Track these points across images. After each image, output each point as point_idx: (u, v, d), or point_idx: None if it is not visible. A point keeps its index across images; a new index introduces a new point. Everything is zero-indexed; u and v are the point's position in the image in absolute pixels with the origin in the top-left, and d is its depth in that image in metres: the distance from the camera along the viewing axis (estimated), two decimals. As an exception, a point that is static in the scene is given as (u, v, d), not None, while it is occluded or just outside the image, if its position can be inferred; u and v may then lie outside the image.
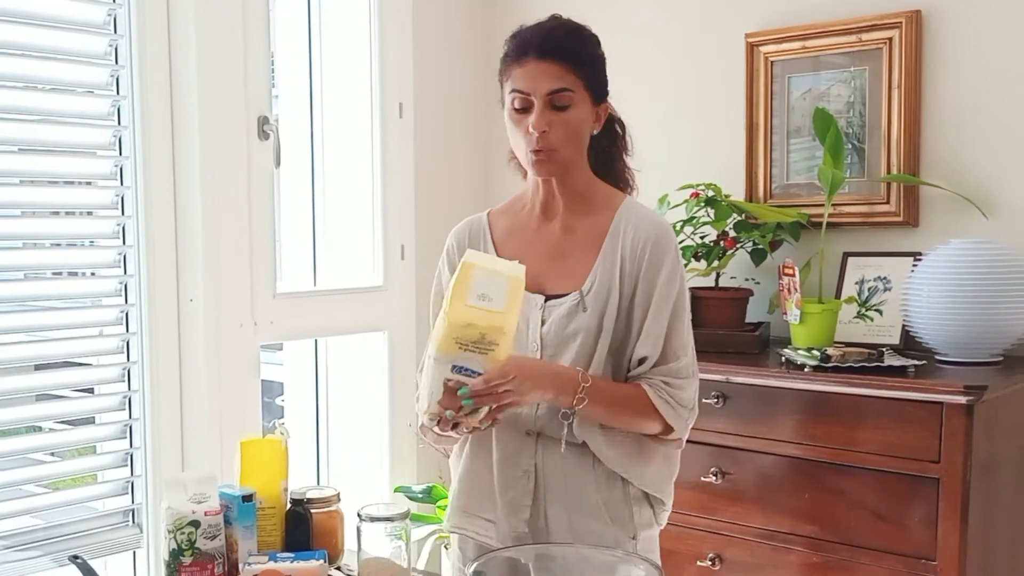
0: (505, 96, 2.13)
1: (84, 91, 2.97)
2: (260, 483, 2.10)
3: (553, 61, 2.06)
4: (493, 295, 1.91)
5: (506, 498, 2.16)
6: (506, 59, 2.12)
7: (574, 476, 2.13)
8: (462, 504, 2.24)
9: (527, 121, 2.08)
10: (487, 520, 2.19)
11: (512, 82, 2.10)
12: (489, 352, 1.92)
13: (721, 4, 3.53)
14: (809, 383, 2.81)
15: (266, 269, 3.30)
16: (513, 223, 2.26)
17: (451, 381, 1.93)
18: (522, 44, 2.09)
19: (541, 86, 2.06)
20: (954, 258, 2.88)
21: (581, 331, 2.10)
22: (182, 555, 1.97)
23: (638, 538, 2.15)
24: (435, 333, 1.95)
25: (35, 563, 2.86)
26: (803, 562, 2.84)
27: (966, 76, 3.09)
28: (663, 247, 2.13)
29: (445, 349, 1.92)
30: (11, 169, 2.90)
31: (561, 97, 2.07)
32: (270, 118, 3.27)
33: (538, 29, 2.11)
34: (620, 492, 2.14)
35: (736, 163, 3.48)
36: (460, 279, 1.93)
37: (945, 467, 2.61)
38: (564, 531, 2.12)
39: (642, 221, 2.16)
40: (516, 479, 2.15)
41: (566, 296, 2.12)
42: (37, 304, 2.93)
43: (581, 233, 2.17)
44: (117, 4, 2.98)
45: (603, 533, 2.11)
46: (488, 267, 1.94)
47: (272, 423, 2.30)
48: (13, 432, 2.88)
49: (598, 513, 2.13)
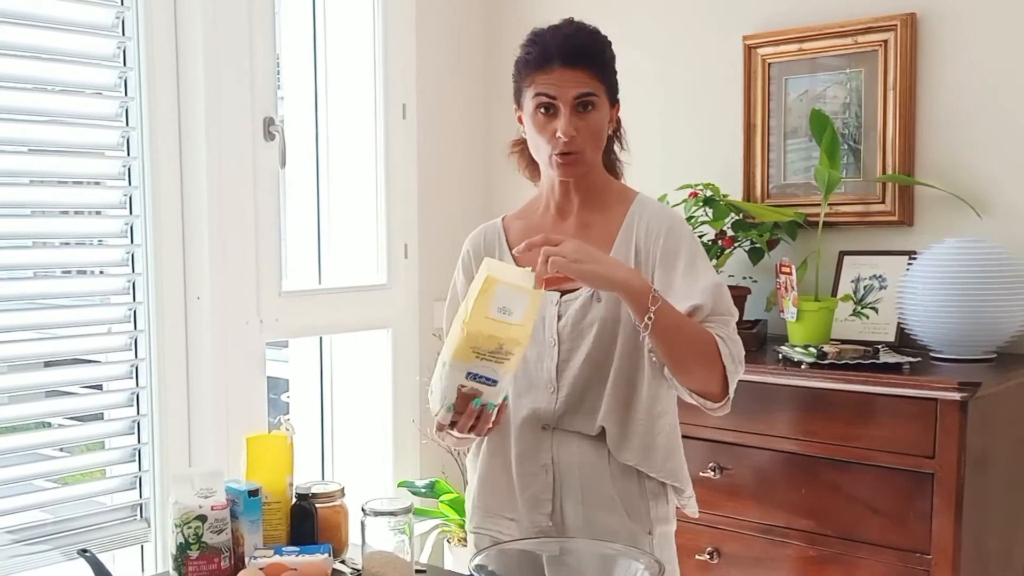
0: (526, 100, 2.11)
1: (93, 92, 2.97)
2: (266, 478, 2.09)
3: (578, 67, 2.05)
4: (513, 309, 1.89)
5: (526, 495, 2.14)
6: (528, 65, 2.09)
7: (589, 469, 2.11)
8: (483, 504, 2.23)
9: (552, 125, 2.06)
10: (509, 519, 2.18)
11: (536, 88, 2.07)
12: (504, 362, 1.91)
13: (719, 7, 3.52)
14: (806, 380, 2.81)
15: (272, 267, 3.30)
16: (528, 225, 2.23)
17: (465, 388, 1.92)
18: (545, 50, 2.06)
19: (568, 92, 2.04)
20: (948, 257, 2.87)
21: (596, 321, 2.08)
22: (189, 549, 1.96)
23: (654, 533, 2.13)
24: (451, 340, 1.93)
25: (45, 557, 2.86)
26: (800, 556, 2.84)
27: (960, 78, 3.09)
28: (678, 232, 2.11)
29: (462, 357, 1.90)
30: (21, 169, 2.90)
31: (586, 101, 2.06)
32: (276, 119, 3.27)
33: (559, 35, 2.08)
34: (636, 486, 2.12)
35: (734, 163, 3.47)
36: (483, 292, 1.91)
37: (940, 462, 2.60)
38: (580, 525, 2.11)
39: (655, 213, 2.15)
40: (535, 474, 2.13)
41: (580, 289, 2.10)
42: (46, 302, 2.93)
43: (596, 229, 2.16)
44: (125, 7, 2.98)
45: (619, 528, 2.09)
46: (510, 282, 1.93)
47: (278, 419, 2.29)
48: (23, 428, 2.89)
49: (613, 507, 2.10)
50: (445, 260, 3.75)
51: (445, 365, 1.92)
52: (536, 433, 2.13)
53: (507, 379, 1.93)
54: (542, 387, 2.13)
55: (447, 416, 1.94)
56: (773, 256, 3.28)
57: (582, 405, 2.11)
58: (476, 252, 2.25)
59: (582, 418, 2.11)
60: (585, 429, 2.11)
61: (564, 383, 2.11)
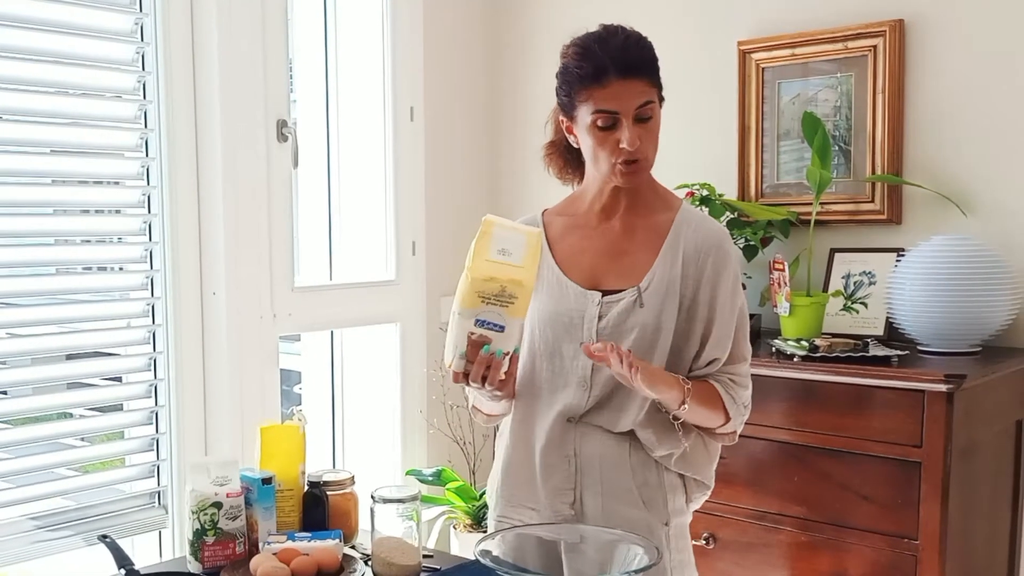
0: (582, 115, 2.03)
1: (113, 96, 2.97)
2: (279, 467, 2.09)
3: (636, 78, 2.00)
4: (512, 250, 1.90)
5: (550, 485, 2.11)
6: (583, 80, 2.01)
7: (610, 462, 2.08)
8: (507, 494, 2.19)
9: (615, 136, 2.01)
10: (531, 508, 2.14)
11: (596, 104, 2.00)
12: (509, 305, 1.90)
13: (715, 14, 3.52)
14: (798, 372, 2.81)
15: (284, 264, 3.30)
16: (570, 222, 2.19)
17: (474, 335, 1.90)
18: (600, 64, 1.99)
19: (629, 104, 1.99)
20: (935, 254, 2.87)
21: (637, 326, 2.04)
22: (205, 535, 1.96)
23: (671, 524, 2.10)
24: (459, 290, 1.93)
25: (67, 542, 2.87)
26: (792, 541, 2.84)
27: (947, 82, 3.08)
28: (725, 253, 2.08)
29: (469, 303, 1.90)
30: (44, 170, 2.90)
31: (645, 110, 2.01)
32: (288, 121, 3.26)
33: (611, 47, 2.01)
34: (655, 478, 2.09)
35: (729, 164, 3.46)
36: (481, 237, 1.92)
37: (927, 451, 2.60)
38: (599, 516, 2.07)
39: (704, 226, 2.11)
40: (558, 465, 2.10)
41: (623, 292, 2.07)
42: (68, 297, 2.93)
43: (641, 232, 2.12)
44: (144, 13, 2.98)
45: (636, 518, 2.06)
46: (507, 225, 1.94)
47: (290, 410, 2.29)
48: (45, 418, 2.88)
49: (632, 499, 2.07)
50: (451, 256, 3.77)
51: (455, 315, 1.93)
52: (561, 425, 2.10)
53: (515, 325, 1.92)
54: (575, 384, 2.08)
55: (460, 364, 1.93)
56: (767, 253, 3.27)
57: (610, 403, 2.07)
58: None
59: (608, 414, 2.07)
60: (608, 425, 2.07)
61: (598, 382, 2.06)
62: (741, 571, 2.93)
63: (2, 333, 2.84)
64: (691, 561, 2.18)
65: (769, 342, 3.02)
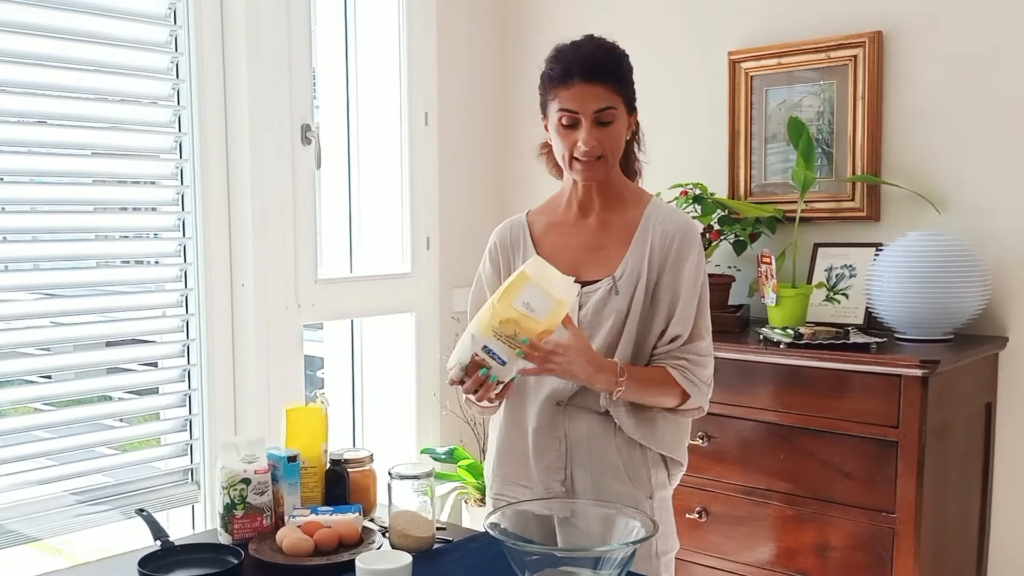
0: (551, 112, 2.07)
1: (149, 102, 2.96)
2: (303, 445, 2.09)
3: (598, 83, 2.00)
4: (537, 307, 1.89)
5: (542, 464, 2.12)
6: (552, 80, 2.05)
7: (598, 441, 2.09)
8: (502, 474, 2.21)
9: (575, 136, 2.03)
10: (524, 486, 2.16)
11: (560, 102, 2.03)
12: (517, 348, 1.90)
13: (706, 26, 3.50)
14: (784, 358, 2.80)
15: (308, 258, 3.29)
16: (551, 220, 2.21)
17: (478, 357, 1.91)
18: (567, 67, 2.02)
19: (588, 106, 2.01)
20: (911, 248, 2.85)
21: (613, 312, 2.07)
22: (235, 509, 1.96)
23: (654, 497, 2.11)
24: (481, 314, 1.93)
25: (106, 516, 2.87)
26: (779, 515, 2.83)
27: (922, 88, 3.06)
28: (689, 241, 2.09)
29: (483, 331, 1.90)
30: (85, 170, 2.89)
31: (605, 114, 2.02)
32: (312, 125, 3.25)
33: (580, 52, 2.03)
34: (639, 456, 2.11)
35: (720, 165, 3.45)
36: (514, 284, 1.90)
37: (903, 432, 2.59)
38: (588, 491, 2.09)
39: (670, 218, 2.12)
40: (550, 446, 2.11)
41: (600, 282, 2.09)
42: (108, 289, 2.92)
43: (615, 227, 2.13)
44: (178, 25, 2.97)
45: (623, 492, 2.08)
46: (543, 285, 1.91)
47: (314, 393, 2.29)
48: (87, 401, 2.88)
49: (618, 475, 2.09)
50: (463, 251, 3.77)
51: (469, 331, 1.93)
52: (552, 409, 2.11)
53: (517, 364, 1.92)
54: None
55: (458, 375, 1.94)
56: (755, 247, 3.26)
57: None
58: (502, 244, 2.23)
59: (592, 396, 2.09)
60: (593, 406, 2.09)
61: None
62: (731, 543, 2.92)
63: (46, 322, 2.84)
64: (673, 531, 2.20)
65: (757, 330, 3.01)
